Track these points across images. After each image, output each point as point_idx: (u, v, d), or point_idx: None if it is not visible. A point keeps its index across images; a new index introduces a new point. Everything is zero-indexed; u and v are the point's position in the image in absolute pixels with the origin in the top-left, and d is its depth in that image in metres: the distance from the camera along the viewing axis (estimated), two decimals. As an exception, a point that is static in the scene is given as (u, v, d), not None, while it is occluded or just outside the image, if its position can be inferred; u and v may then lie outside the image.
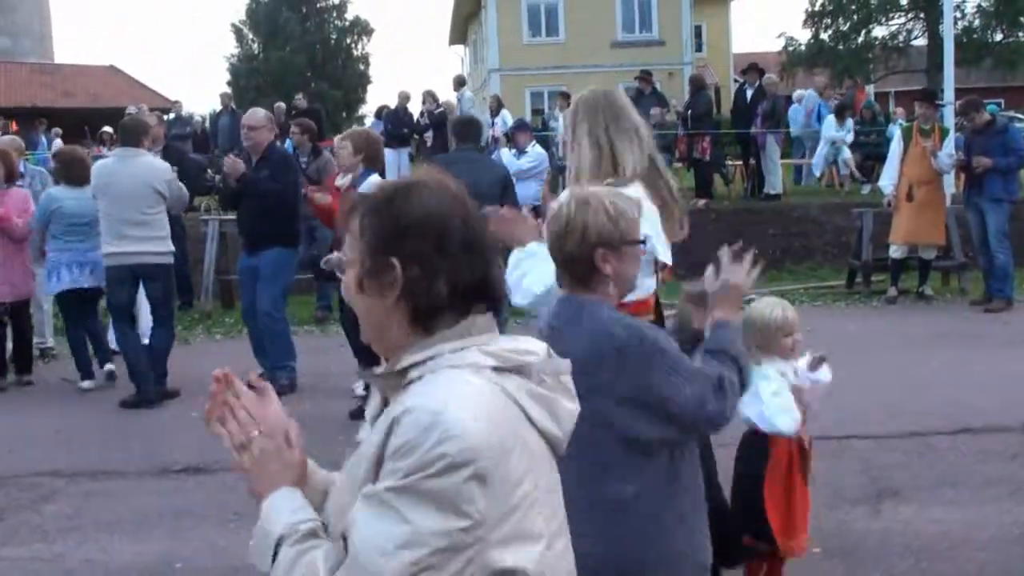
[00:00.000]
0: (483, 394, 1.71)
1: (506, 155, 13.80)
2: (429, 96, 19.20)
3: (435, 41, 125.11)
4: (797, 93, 20.52)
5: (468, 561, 1.64)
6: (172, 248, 8.75)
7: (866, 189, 17.43)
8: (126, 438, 7.60)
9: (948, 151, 11.63)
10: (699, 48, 42.47)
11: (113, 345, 9.19)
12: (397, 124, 18.21)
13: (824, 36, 37.51)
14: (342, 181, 8.41)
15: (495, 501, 1.65)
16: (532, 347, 1.84)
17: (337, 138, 8.82)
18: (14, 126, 23.43)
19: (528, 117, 30.12)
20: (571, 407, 1.86)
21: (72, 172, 8.96)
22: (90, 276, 8.87)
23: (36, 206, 9.05)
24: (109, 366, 9.17)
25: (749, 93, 17.43)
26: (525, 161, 12.99)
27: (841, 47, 36.80)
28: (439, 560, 1.61)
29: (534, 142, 14.00)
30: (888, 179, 12.08)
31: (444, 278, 1.77)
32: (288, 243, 8.80)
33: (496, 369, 1.75)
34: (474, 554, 1.64)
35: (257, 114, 9.05)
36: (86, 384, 9.05)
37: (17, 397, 9.06)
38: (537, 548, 1.72)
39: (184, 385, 8.92)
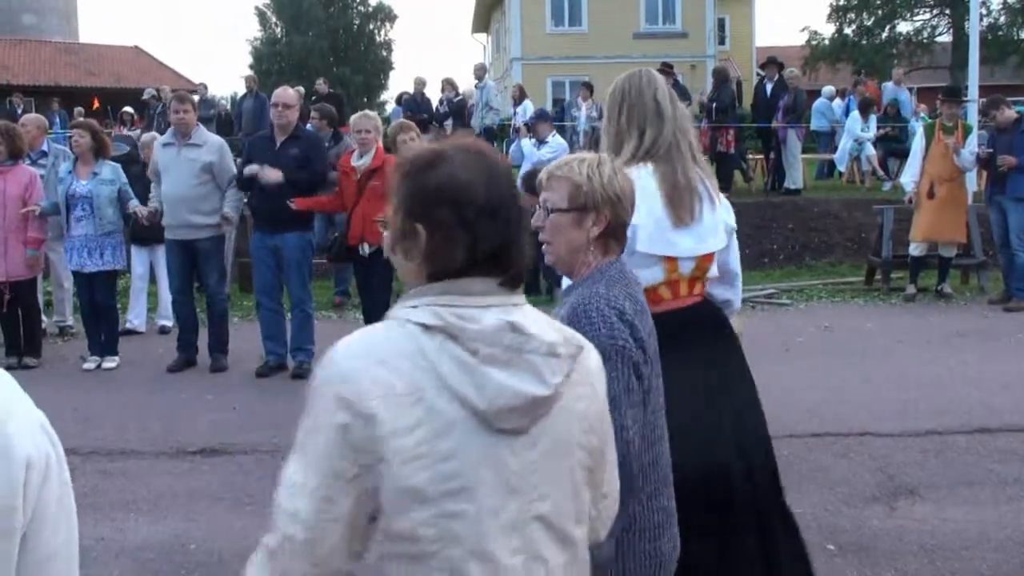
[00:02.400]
0: (384, 341, 1.83)
1: (527, 145, 13.78)
2: (448, 84, 19.16)
3: (458, 28, 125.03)
4: (827, 89, 20.37)
5: (363, 488, 1.77)
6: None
7: (887, 186, 17.35)
8: (143, 418, 7.64)
9: (971, 148, 11.56)
10: (722, 41, 42.28)
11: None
12: (415, 110, 18.19)
13: (848, 31, 37.36)
14: (359, 162, 8.45)
15: (368, 434, 1.75)
16: (488, 317, 1.83)
17: (355, 118, 8.76)
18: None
19: (549, 106, 30.09)
20: (515, 384, 1.80)
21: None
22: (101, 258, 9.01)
23: (59, 185, 9.10)
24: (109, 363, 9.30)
25: (769, 87, 17.36)
26: (546, 151, 12.96)
27: (865, 42, 36.64)
28: (333, 487, 1.77)
29: (554, 132, 13.97)
30: (910, 176, 12.02)
31: (463, 246, 1.83)
32: (307, 226, 8.87)
33: (424, 326, 1.81)
34: (362, 484, 1.76)
35: (289, 92, 9.05)
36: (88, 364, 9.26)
37: (36, 375, 9.11)
38: (425, 512, 1.77)
39: (202, 366, 9.00)
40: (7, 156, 9.16)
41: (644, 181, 3.41)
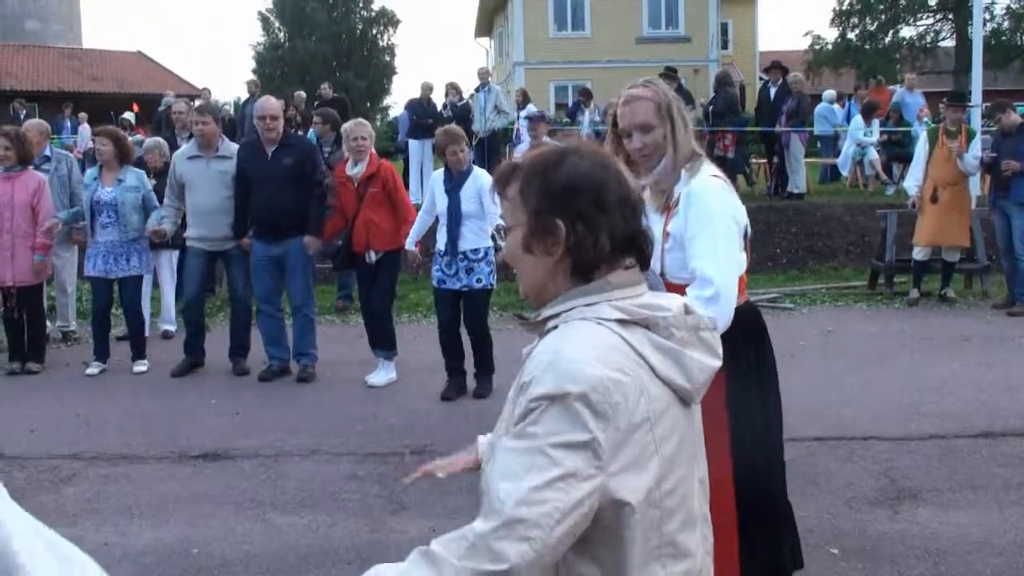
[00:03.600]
0: (601, 341, 1.84)
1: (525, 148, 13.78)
2: (452, 88, 19.17)
3: (461, 33, 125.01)
4: (828, 93, 20.37)
5: (590, 492, 1.74)
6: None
7: (891, 190, 17.34)
8: (146, 423, 7.64)
9: (975, 153, 11.55)
10: (725, 45, 42.28)
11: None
12: (421, 115, 18.20)
13: (851, 35, 37.37)
14: (354, 171, 8.44)
15: (610, 434, 1.76)
16: (666, 303, 1.96)
17: (349, 126, 8.70)
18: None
19: (552, 111, 30.10)
20: (705, 360, 1.95)
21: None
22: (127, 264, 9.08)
23: (84, 191, 9.16)
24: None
25: (772, 91, 17.36)
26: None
27: (868, 47, 36.64)
28: (564, 484, 1.71)
29: (546, 135, 13.96)
30: (913, 180, 12.01)
31: (606, 232, 1.92)
32: (305, 231, 8.86)
33: (621, 322, 1.88)
34: (595, 485, 1.74)
35: (272, 102, 9.10)
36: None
37: (39, 380, 9.12)
38: (645, 484, 1.82)
39: (206, 371, 9.02)
40: (16, 161, 9.18)
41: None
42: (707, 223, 3.42)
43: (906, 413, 7.46)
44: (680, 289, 3.34)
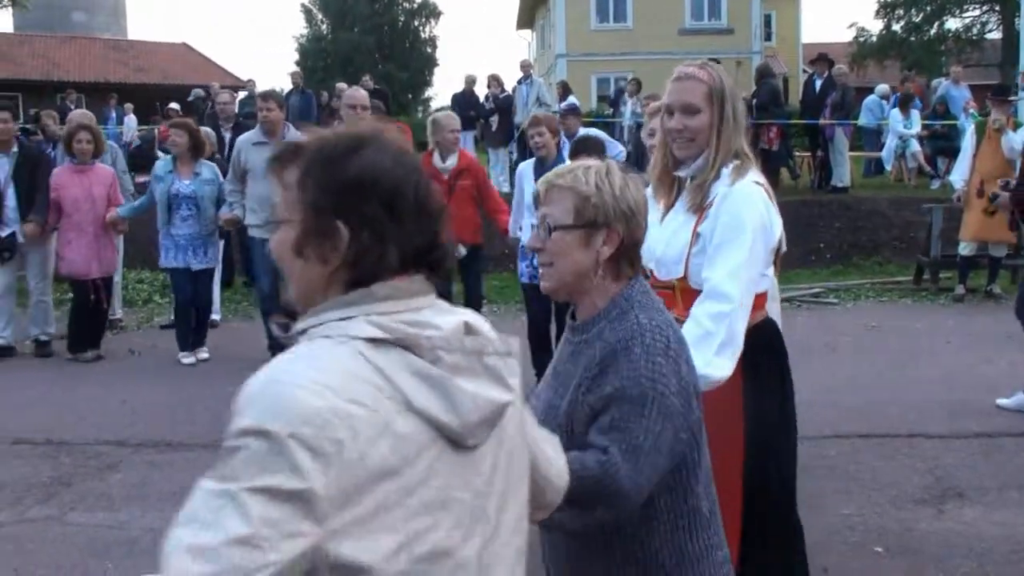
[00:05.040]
0: (335, 364, 1.49)
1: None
2: (494, 80, 19.20)
3: (502, 25, 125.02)
4: (880, 87, 20.13)
5: (294, 554, 1.38)
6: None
7: (935, 184, 17.16)
8: (191, 411, 7.71)
9: (1021, 138, 11.35)
10: (768, 37, 41.98)
11: None
12: (463, 107, 18.23)
13: (896, 27, 36.97)
14: (444, 164, 8.29)
15: (333, 481, 1.40)
16: (439, 320, 1.59)
17: (440, 117, 8.59)
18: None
19: (594, 103, 30.06)
20: (484, 391, 1.59)
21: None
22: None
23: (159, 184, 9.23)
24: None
25: (818, 84, 17.21)
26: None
27: (913, 39, 36.24)
28: (257, 542, 1.35)
29: (580, 128, 13.92)
30: (959, 174, 11.88)
31: (395, 244, 1.59)
32: None
33: (374, 341, 1.52)
34: (301, 546, 1.38)
35: (362, 92, 8.88)
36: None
37: (87, 368, 9.24)
38: (386, 546, 1.46)
39: (252, 360, 9.07)
40: (92, 155, 9.36)
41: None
42: (737, 234, 3.16)
43: (951, 411, 7.38)
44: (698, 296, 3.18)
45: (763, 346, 3.33)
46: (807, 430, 6.66)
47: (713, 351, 3.02)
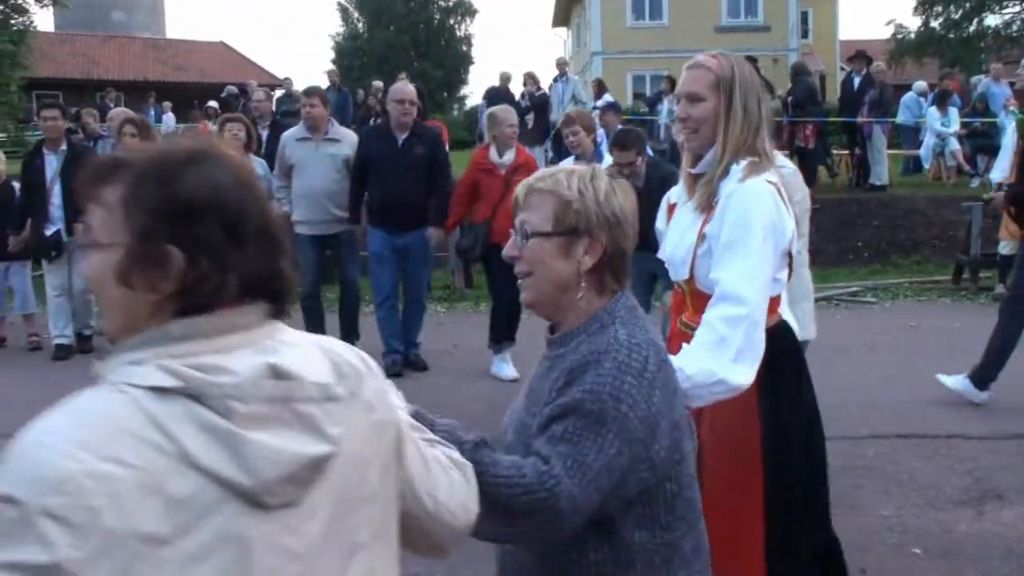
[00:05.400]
0: (101, 418, 1.32)
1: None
2: (530, 78, 19.20)
3: (538, 23, 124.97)
4: (918, 84, 19.95)
5: None
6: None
7: (975, 182, 16.98)
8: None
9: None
10: (805, 35, 41.74)
11: None
12: (499, 104, 18.27)
13: (935, 24, 36.63)
14: (502, 159, 8.21)
15: (90, 553, 1.24)
16: (235, 364, 1.40)
17: (496, 111, 8.51)
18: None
19: (629, 101, 29.97)
20: (288, 445, 1.40)
21: None
22: None
23: None
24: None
25: (856, 81, 17.09)
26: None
27: (952, 36, 35.90)
28: None
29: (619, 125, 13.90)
30: (1000, 172, 11.72)
31: (236, 271, 1.44)
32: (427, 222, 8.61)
33: (157, 390, 1.34)
34: None
35: (410, 87, 8.79)
36: None
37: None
38: None
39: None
40: None
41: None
42: (746, 233, 3.00)
43: (991, 411, 7.30)
44: (709, 299, 3.03)
45: (778, 352, 3.15)
46: (844, 430, 6.65)
47: (731, 356, 2.88)
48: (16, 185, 9.85)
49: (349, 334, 9.12)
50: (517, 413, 2.29)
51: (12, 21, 22.08)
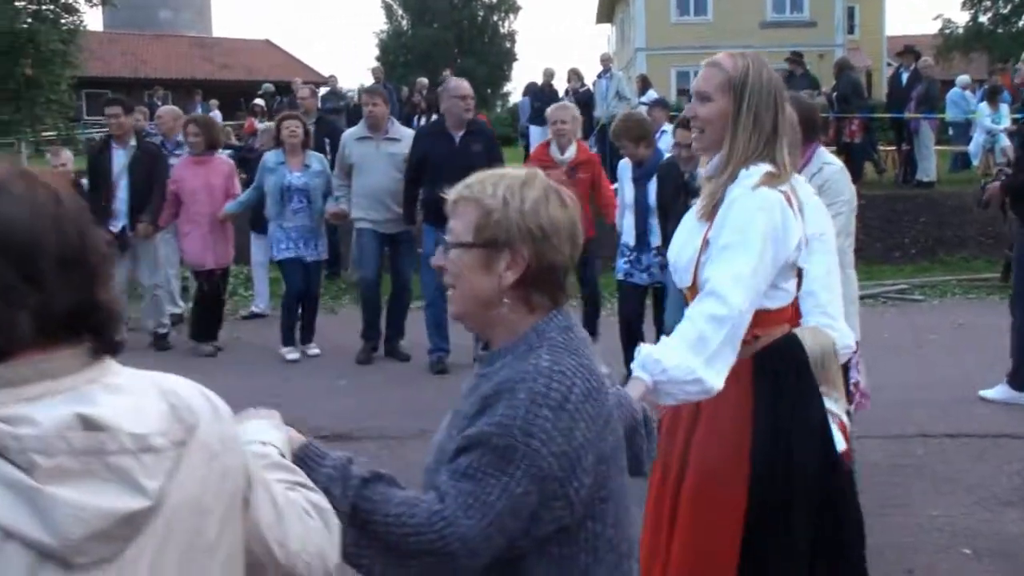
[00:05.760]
0: None
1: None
2: (574, 75, 19.21)
3: (582, 19, 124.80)
4: (961, 78, 19.70)
5: None
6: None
7: (1026, 179, 16.73)
8: (276, 403, 7.80)
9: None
10: (851, 30, 41.31)
11: None
12: (543, 101, 18.26)
13: (983, 19, 36.15)
14: (563, 156, 8.17)
15: None
16: (41, 415, 1.29)
17: (551, 109, 8.48)
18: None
19: (673, 97, 29.83)
20: (96, 501, 1.29)
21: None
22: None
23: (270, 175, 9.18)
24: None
25: (904, 77, 16.92)
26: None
27: (1000, 30, 35.40)
28: None
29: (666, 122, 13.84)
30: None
31: (31, 310, 1.32)
32: None
33: None
34: None
35: (467, 83, 8.79)
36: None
37: (187, 359, 9.41)
38: None
39: (337, 352, 9.16)
40: (205, 147, 9.37)
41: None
42: (745, 237, 2.91)
43: (1042, 410, 7.22)
44: None
45: (782, 367, 3.09)
46: (893, 429, 6.61)
47: (706, 356, 2.82)
48: (83, 185, 9.89)
49: (396, 333, 9.18)
50: (441, 434, 2.12)
51: (62, 21, 22.34)
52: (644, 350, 2.87)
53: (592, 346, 2.14)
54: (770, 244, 2.92)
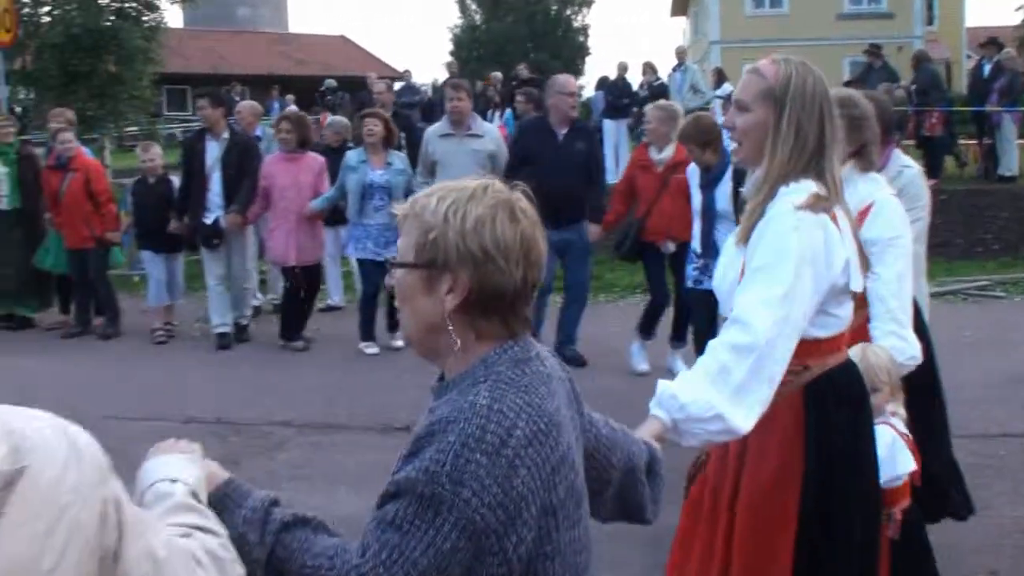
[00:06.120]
0: None
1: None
2: (648, 68, 19.14)
3: (656, 12, 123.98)
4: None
5: None
6: None
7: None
8: (351, 394, 7.93)
9: None
10: (930, 21, 40.52)
11: None
12: (616, 95, 18.23)
13: (1070, 8, 35.22)
14: (660, 156, 8.02)
15: None
16: None
17: (649, 108, 8.35)
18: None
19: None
20: None
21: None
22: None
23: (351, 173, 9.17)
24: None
25: (986, 69, 16.58)
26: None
27: (1089, 20, 34.47)
28: None
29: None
30: None
31: None
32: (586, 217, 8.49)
33: None
34: None
35: (573, 79, 8.69)
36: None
37: (260, 351, 9.56)
38: None
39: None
40: (296, 144, 9.36)
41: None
42: (778, 259, 2.67)
43: None
44: None
45: (834, 400, 2.84)
46: (974, 428, 6.50)
47: (730, 391, 2.56)
48: (173, 179, 10.01)
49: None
50: (398, 463, 1.88)
51: (144, 18, 22.69)
52: (661, 385, 2.63)
53: (559, 382, 1.94)
54: (807, 267, 2.67)
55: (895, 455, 3.38)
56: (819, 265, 2.69)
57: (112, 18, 21.91)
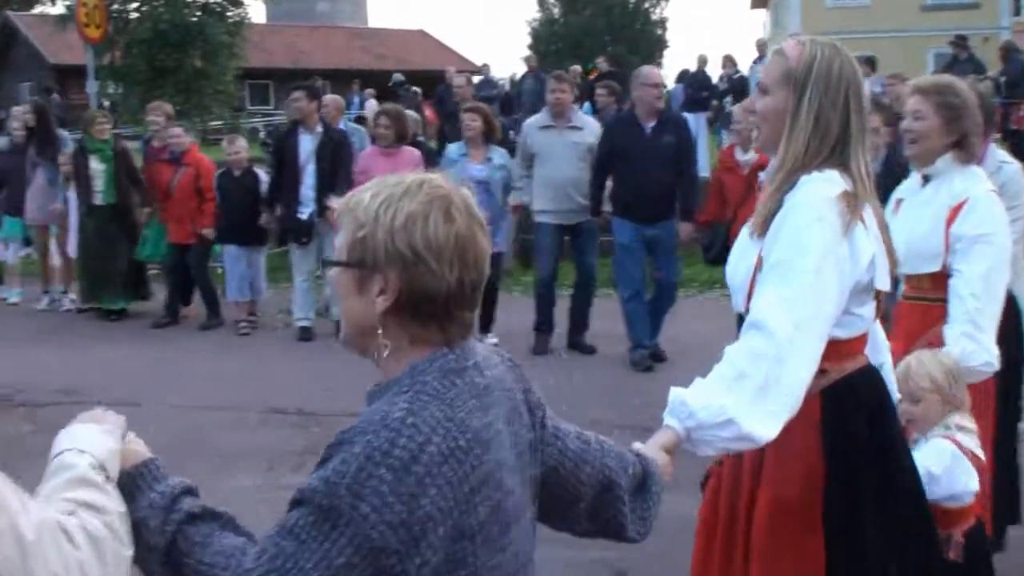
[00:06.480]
0: None
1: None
2: (728, 61, 19.03)
3: (736, 5, 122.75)
4: None
5: None
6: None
7: None
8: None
9: None
10: (1017, 11, 39.58)
11: None
12: (696, 88, 18.15)
13: None
14: (745, 157, 7.83)
15: None
16: None
17: (738, 108, 8.21)
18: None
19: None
20: None
21: None
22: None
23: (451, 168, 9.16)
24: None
25: (1079, 60, 16.23)
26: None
27: None
28: None
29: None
30: None
31: None
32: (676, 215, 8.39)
33: None
34: None
35: (657, 71, 8.59)
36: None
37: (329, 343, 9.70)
38: None
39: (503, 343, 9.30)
40: (395, 139, 9.24)
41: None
42: (798, 254, 2.47)
43: None
44: None
45: (852, 408, 2.64)
46: None
47: (747, 395, 2.38)
48: (258, 172, 10.09)
49: (579, 324, 9.05)
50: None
51: (228, 14, 23.16)
52: (673, 392, 2.48)
53: (501, 394, 1.85)
54: (830, 262, 2.47)
55: (954, 472, 3.15)
56: (842, 262, 2.51)
57: (198, 14, 22.36)
